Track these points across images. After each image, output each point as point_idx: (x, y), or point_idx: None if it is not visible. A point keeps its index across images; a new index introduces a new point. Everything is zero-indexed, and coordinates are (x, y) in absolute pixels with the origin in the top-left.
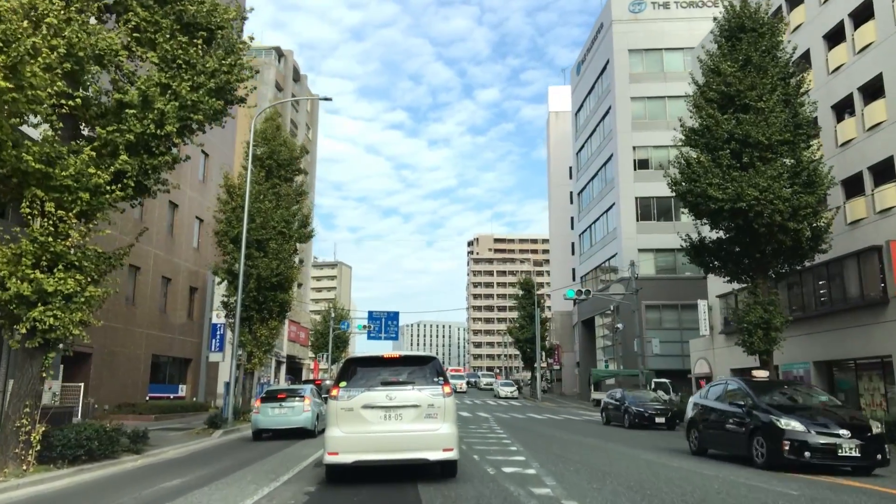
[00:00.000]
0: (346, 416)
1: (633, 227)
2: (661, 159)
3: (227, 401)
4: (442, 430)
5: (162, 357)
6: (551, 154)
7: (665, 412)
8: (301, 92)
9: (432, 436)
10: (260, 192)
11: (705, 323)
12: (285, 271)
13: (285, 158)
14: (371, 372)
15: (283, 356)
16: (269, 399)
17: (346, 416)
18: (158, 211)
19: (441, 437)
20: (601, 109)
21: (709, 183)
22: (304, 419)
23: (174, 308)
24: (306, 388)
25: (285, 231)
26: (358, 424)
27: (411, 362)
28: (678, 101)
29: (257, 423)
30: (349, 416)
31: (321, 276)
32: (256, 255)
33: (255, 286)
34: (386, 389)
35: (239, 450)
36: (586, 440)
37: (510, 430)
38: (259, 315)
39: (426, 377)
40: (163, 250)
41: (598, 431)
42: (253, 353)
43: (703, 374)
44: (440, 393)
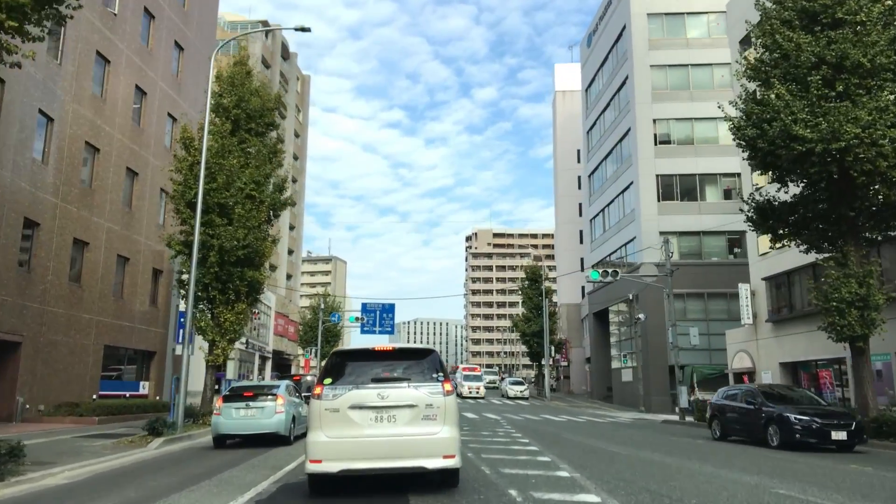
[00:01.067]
0: (330, 418)
1: (653, 208)
2: (684, 133)
3: (174, 400)
4: (442, 434)
5: (118, 349)
6: (557, 136)
7: (845, 422)
8: (291, 71)
9: (431, 440)
10: (224, 148)
11: (748, 310)
12: (254, 243)
13: (256, 109)
14: (360, 367)
15: (269, 351)
16: (233, 398)
17: (331, 418)
18: (113, 178)
19: (441, 442)
20: (616, 80)
21: (793, 119)
22: (277, 422)
23: (133, 293)
24: (280, 386)
25: (255, 194)
26: (345, 428)
27: (407, 356)
28: (703, 69)
29: (218, 426)
30: (335, 419)
31: (315, 270)
32: (218, 221)
33: (216, 260)
34: (377, 387)
35: (178, 465)
36: (688, 465)
37: (539, 440)
38: (222, 296)
39: (424, 373)
40: (118, 225)
41: (703, 450)
42: (215, 342)
43: (745, 370)
44: (440, 391)
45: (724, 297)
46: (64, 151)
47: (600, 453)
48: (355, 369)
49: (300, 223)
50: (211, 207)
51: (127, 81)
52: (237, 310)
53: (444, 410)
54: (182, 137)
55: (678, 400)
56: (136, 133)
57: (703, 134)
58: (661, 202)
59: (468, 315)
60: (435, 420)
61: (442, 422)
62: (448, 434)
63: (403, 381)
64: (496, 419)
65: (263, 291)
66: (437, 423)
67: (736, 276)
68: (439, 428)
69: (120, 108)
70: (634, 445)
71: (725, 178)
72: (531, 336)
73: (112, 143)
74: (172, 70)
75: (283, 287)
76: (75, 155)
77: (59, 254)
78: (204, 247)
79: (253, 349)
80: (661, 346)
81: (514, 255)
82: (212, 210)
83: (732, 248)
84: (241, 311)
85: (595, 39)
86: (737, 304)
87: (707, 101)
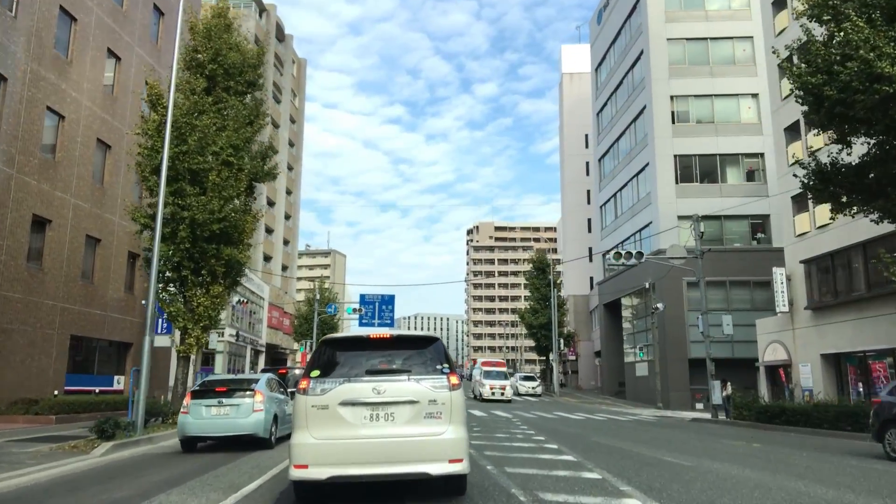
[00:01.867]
0: (318, 416)
1: (671, 191)
2: (703, 111)
3: (133, 397)
4: (447, 435)
5: (88, 340)
6: (564, 121)
7: None
8: (286, 53)
9: (435, 442)
10: (197, 107)
11: (783, 297)
12: (232, 216)
13: (235, 65)
14: (353, 357)
15: (263, 345)
16: (203, 394)
17: (320, 416)
18: (81, 150)
19: (446, 444)
20: (630, 57)
21: (877, 55)
22: (254, 422)
23: (105, 278)
24: (260, 380)
25: (233, 160)
26: (335, 427)
27: (407, 344)
28: (723, 43)
29: (185, 427)
30: (323, 417)
31: (314, 264)
32: (189, 190)
33: (187, 235)
34: (373, 380)
35: (114, 480)
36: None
37: (568, 444)
38: (195, 277)
39: (426, 364)
40: (88, 202)
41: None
42: (188, 329)
43: (779, 362)
44: (445, 385)
45: (748, 286)
46: (20, 116)
47: (657, 465)
48: (347, 360)
49: (296, 211)
50: (181, 174)
51: (97, 44)
52: (213, 293)
53: (450, 407)
54: (149, 95)
55: (711, 396)
56: (108, 102)
57: (723, 112)
58: (678, 184)
59: (469, 309)
60: (439, 418)
61: (448, 420)
62: (455, 434)
63: (403, 374)
64: (507, 417)
65: (245, 273)
66: (441, 422)
67: (760, 262)
68: (444, 427)
69: (89, 73)
70: (690, 453)
71: (748, 159)
72: (538, 328)
73: (80, 111)
74: (151, 35)
75: (279, 274)
76: (34, 121)
77: (15, 231)
78: (173, 219)
79: (245, 342)
80: (680, 338)
81: (516, 248)
82: (182, 177)
83: (756, 232)
84: (217, 294)
85: (606, 15)
86: (762, 293)
87: (728, 76)
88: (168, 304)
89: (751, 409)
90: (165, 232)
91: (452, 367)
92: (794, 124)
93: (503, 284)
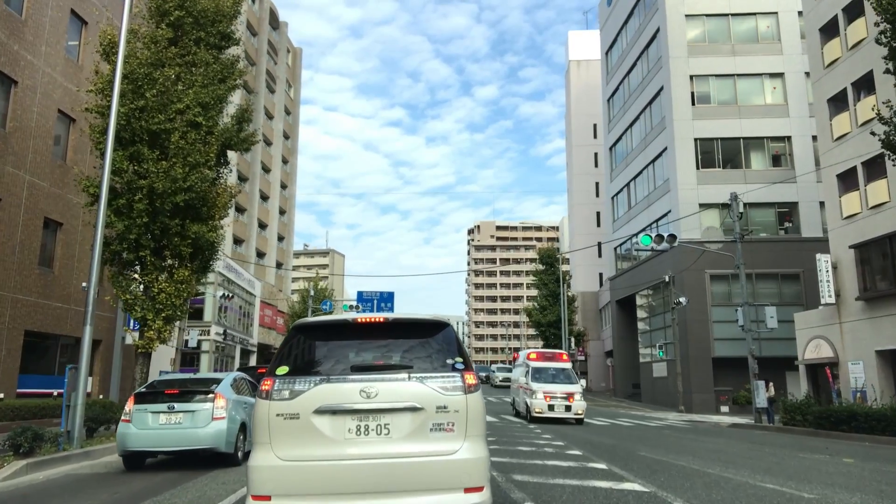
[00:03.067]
0: (286, 428)
1: (692, 177)
2: (725, 92)
3: (67, 401)
4: (462, 454)
5: (46, 336)
6: (571, 110)
7: None
8: (280, 42)
9: (445, 464)
10: (160, 59)
11: (829, 287)
12: (199, 185)
13: (206, 12)
14: (335, 349)
15: (254, 344)
16: (150, 398)
17: (288, 428)
18: (38, 121)
19: (461, 467)
20: (645, 36)
21: None
22: (214, 433)
23: (69, 267)
24: (224, 380)
25: (201, 121)
26: (309, 444)
27: (407, 331)
28: (746, 19)
29: (126, 439)
30: (293, 430)
31: (312, 264)
32: (148, 154)
33: (145, 207)
34: (361, 380)
35: None
36: None
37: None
38: (156, 259)
39: (433, 358)
40: (46, 180)
41: None
42: (147, 321)
43: (824, 360)
44: (458, 385)
45: (775, 279)
46: None
47: (761, 496)
48: (327, 352)
49: (291, 207)
50: (138, 135)
51: (59, 3)
52: (177, 278)
53: (466, 416)
54: (103, 45)
55: (754, 399)
56: (72, 70)
57: (746, 92)
58: (700, 170)
59: (470, 310)
60: (451, 431)
61: (462, 434)
62: (472, 453)
63: (402, 371)
64: (521, 423)
65: (218, 256)
66: (454, 436)
67: (788, 253)
68: (458, 444)
69: (48, 37)
70: (778, 473)
71: (774, 143)
72: (546, 327)
73: (36, 77)
74: None
75: (270, 266)
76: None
77: None
78: (129, 189)
79: (234, 341)
80: (703, 336)
81: (517, 247)
82: (139, 139)
83: (783, 221)
84: (182, 279)
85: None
86: (791, 286)
87: (751, 55)
88: (124, 290)
89: (805, 414)
90: (119, 204)
91: (468, 363)
92: (840, 93)
93: (505, 284)
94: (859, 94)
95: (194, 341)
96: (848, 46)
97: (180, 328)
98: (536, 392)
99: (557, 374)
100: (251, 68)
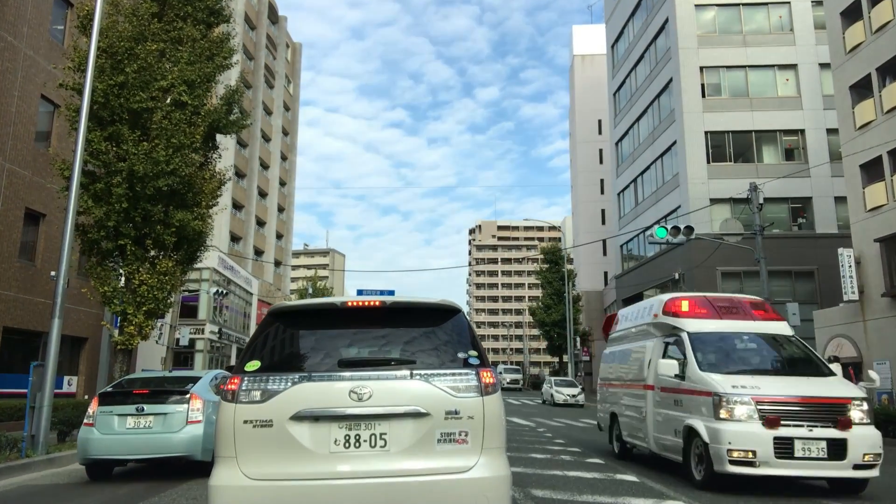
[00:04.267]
0: (256, 438)
1: (702, 171)
2: (736, 84)
3: (32, 402)
4: (478, 472)
5: (28, 333)
6: (575, 106)
7: None
8: (279, 36)
9: (457, 485)
10: (143, 34)
11: (852, 283)
12: (183, 169)
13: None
14: (319, 339)
15: None
16: (117, 398)
17: (258, 438)
18: (19, 105)
19: (477, 488)
20: (653, 27)
21: None
22: (188, 439)
23: (52, 260)
24: (201, 379)
25: (186, 100)
26: (284, 459)
27: (409, 319)
28: (758, 10)
29: (88, 446)
30: (264, 440)
31: (311, 264)
32: (128, 135)
33: (124, 191)
34: (351, 377)
35: None
36: None
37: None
38: (137, 249)
39: (440, 351)
40: (28, 169)
41: None
42: (128, 315)
43: (847, 359)
44: (473, 385)
45: (789, 276)
46: None
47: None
48: (310, 344)
49: (290, 204)
50: (117, 114)
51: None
52: (161, 269)
53: (483, 424)
54: (80, 17)
55: None
56: (56, 54)
57: (758, 84)
58: (710, 164)
59: (471, 311)
60: (464, 443)
61: (477, 447)
62: (489, 471)
63: (402, 367)
64: (530, 426)
65: (206, 247)
66: (467, 450)
67: (802, 249)
68: (473, 460)
69: (31, 18)
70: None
71: (787, 137)
72: (551, 326)
73: (17, 60)
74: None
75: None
76: None
77: None
78: (108, 172)
79: (229, 340)
80: None
81: (519, 247)
82: (119, 118)
83: (796, 217)
84: (165, 270)
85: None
86: (804, 284)
87: (763, 45)
88: (102, 281)
89: None
90: (97, 189)
91: (483, 357)
92: (863, 79)
93: (506, 284)
94: (884, 79)
95: (186, 340)
96: (872, 30)
97: (172, 326)
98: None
99: (774, 355)
100: (249, 63)
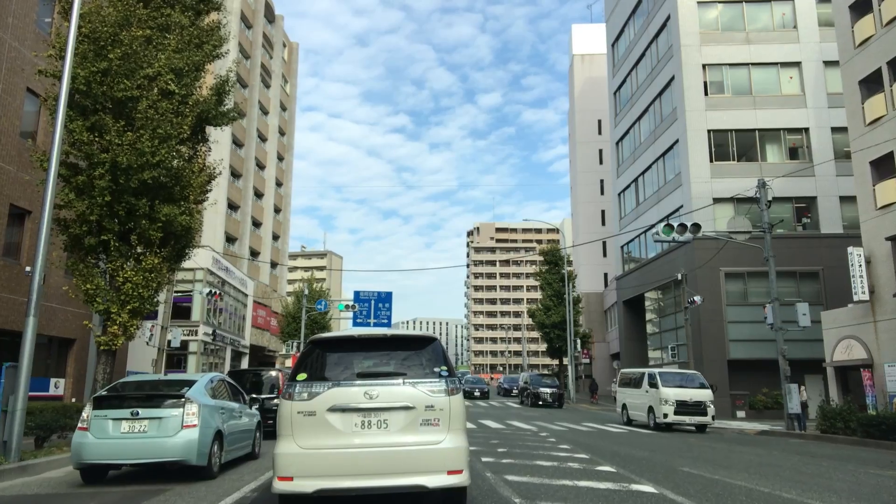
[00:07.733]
0: (305, 423)
1: (705, 170)
2: (739, 82)
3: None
4: (445, 444)
5: (12, 334)
6: (575, 106)
7: None
8: (276, 35)
9: (432, 451)
10: (129, 19)
11: (862, 283)
12: (169, 161)
13: None
14: (344, 359)
15: (246, 346)
16: (111, 402)
17: (306, 423)
18: (3, 98)
19: (445, 454)
20: (654, 25)
21: None
22: (184, 444)
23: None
24: (197, 382)
25: (173, 90)
26: (323, 435)
27: (402, 345)
28: (761, 7)
29: (82, 450)
30: (310, 424)
31: (309, 266)
32: (112, 125)
33: (107, 184)
34: (364, 384)
35: None
36: None
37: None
38: (121, 245)
39: (423, 366)
40: (13, 164)
41: None
42: (111, 313)
43: (856, 361)
44: (442, 389)
45: (793, 277)
46: None
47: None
48: (337, 362)
49: (286, 205)
50: (100, 102)
51: None
52: (146, 265)
53: (449, 413)
54: (61, 2)
55: (786, 404)
56: (43, 45)
57: (762, 82)
58: (713, 163)
59: (470, 314)
60: (437, 426)
61: (446, 428)
62: (453, 443)
63: (397, 377)
64: (532, 430)
65: (196, 243)
66: (439, 430)
67: (807, 250)
68: (442, 436)
69: (16, 8)
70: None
71: (791, 135)
72: (550, 328)
73: (1, 52)
74: None
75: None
76: None
77: None
78: (90, 164)
79: (223, 342)
80: (718, 337)
81: (517, 249)
82: (101, 107)
83: (801, 217)
84: (151, 267)
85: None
86: (809, 285)
87: (766, 43)
88: (84, 279)
89: (847, 421)
90: (79, 181)
91: (452, 371)
92: (873, 74)
93: (505, 287)
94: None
95: (177, 341)
96: (882, 23)
97: (163, 327)
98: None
99: None
100: (245, 61)
